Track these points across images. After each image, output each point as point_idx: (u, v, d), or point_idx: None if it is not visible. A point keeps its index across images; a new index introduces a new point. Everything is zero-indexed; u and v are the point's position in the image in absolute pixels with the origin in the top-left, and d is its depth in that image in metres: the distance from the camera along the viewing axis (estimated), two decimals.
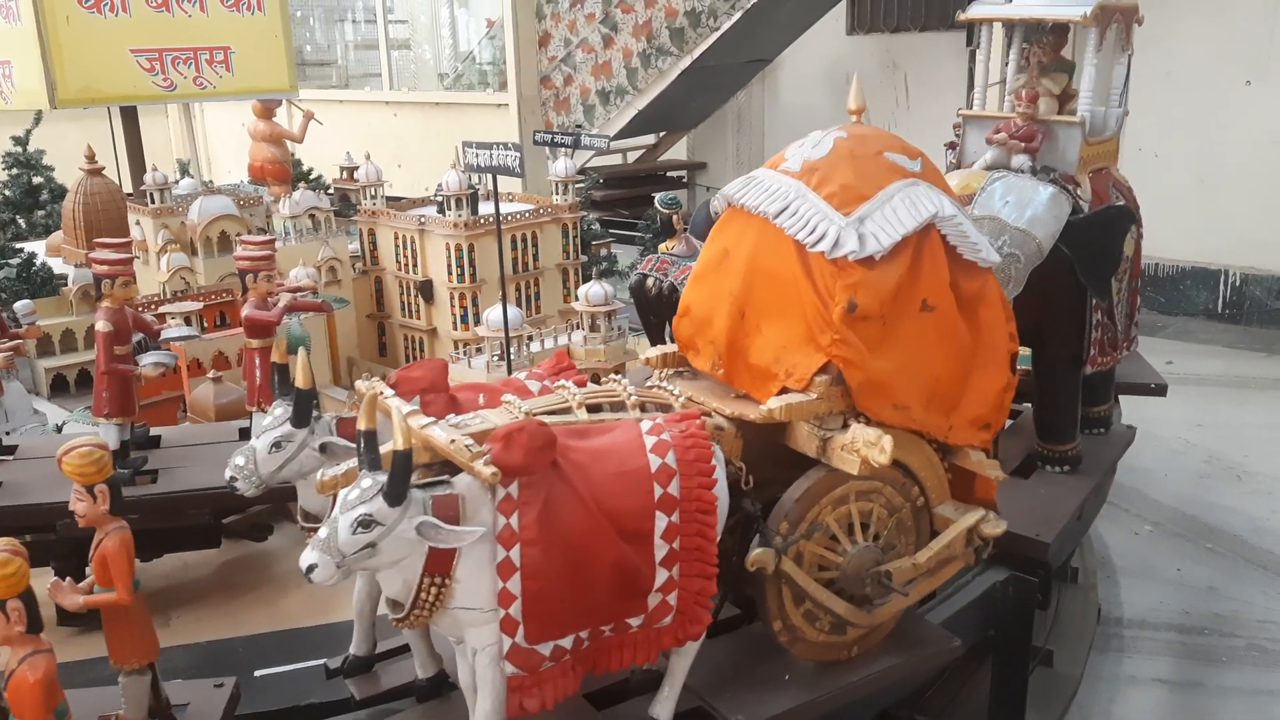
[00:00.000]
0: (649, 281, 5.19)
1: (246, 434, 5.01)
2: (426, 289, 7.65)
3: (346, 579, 2.54)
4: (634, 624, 2.82)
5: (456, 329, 7.49)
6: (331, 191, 10.38)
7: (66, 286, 7.93)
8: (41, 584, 2.81)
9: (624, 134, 13.84)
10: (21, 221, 10.82)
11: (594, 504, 2.68)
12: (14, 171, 10.91)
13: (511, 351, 5.94)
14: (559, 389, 3.11)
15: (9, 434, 5.62)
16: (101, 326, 4.65)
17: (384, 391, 2.86)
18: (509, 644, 2.60)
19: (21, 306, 7.20)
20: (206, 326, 7.08)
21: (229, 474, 3.15)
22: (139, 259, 7.53)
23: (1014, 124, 4.58)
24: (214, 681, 3.30)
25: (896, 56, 13.71)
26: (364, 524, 2.44)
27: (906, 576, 3.26)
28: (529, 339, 6.37)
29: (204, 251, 8.08)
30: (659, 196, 5.87)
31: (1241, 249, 10.69)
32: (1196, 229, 10.68)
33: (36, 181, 10.94)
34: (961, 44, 12.46)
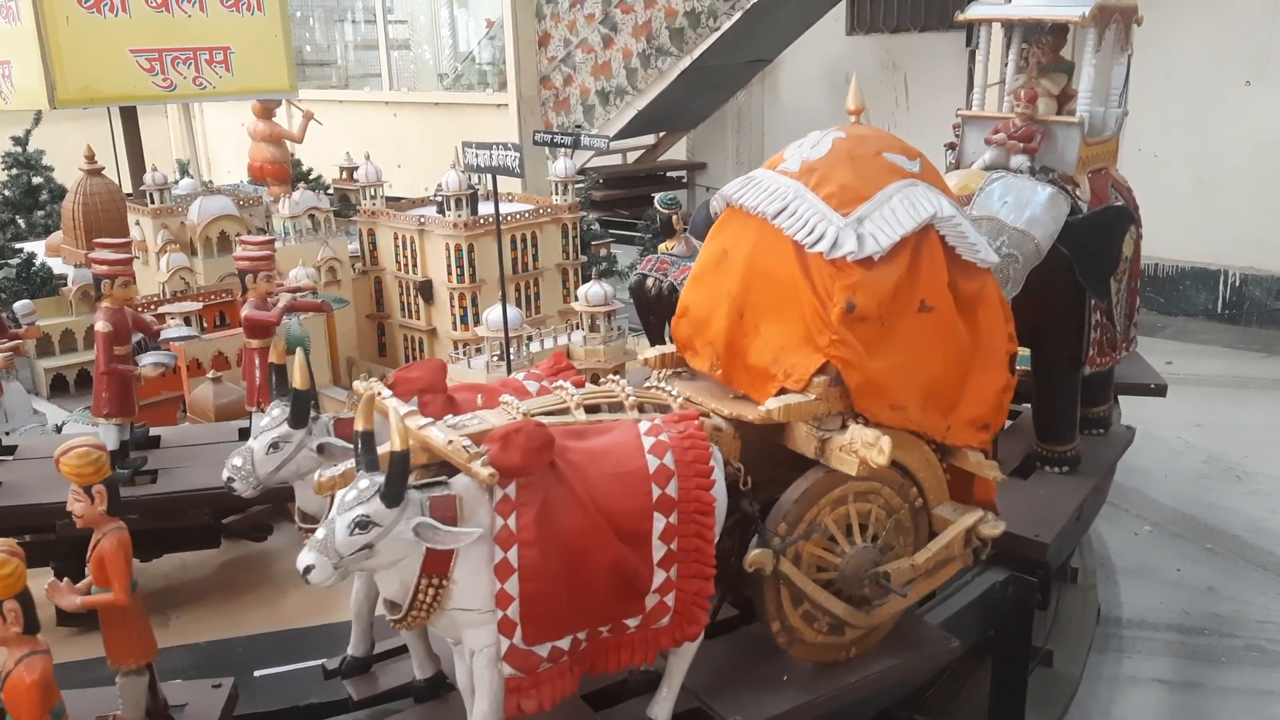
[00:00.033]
0: (649, 282, 5.18)
1: (246, 434, 5.00)
2: (426, 289, 7.64)
3: (344, 580, 2.54)
4: (631, 625, 2.82)
5: (456, 329, 7.48)
6: (331, 192, 10.35)
7: (66, 287, 7.92)
8: (42, 584, 2.82)
9: (624, 134, 13.84)
10: (21, 222, 10.82)
11: (592, 505, 2.68)
12: (14, 172, 10.91)
13: (511, 352, 5.94)
14: (557, 390, 3.11)
15: (9, 434, 5.62)
16: (101, 327, 4.65)
17: (382, 392, 2.86)
18: (506, 645, 2.61)
19: (21, 307, 7.20)
20: (206, 327, 7.07)
21: (226, 475, 3.15)
22: (138, 259, 7.52)
23: (1013, 124, 4.58)
24: (212, 682, 3.31)
25: (896, 57, 13.70)
26: (361, 525, 2.44)
27: (905, 577, 3.26)
28: (529, 339, 6.37)
29: (203, 252, 8.06)
30: (659, 197, 5.87)
31: (1241, 249, 10.69)
32: (1196, 229, 10.68)
33: (36, 182, 10.93)
34: (961, 44, 12.46)
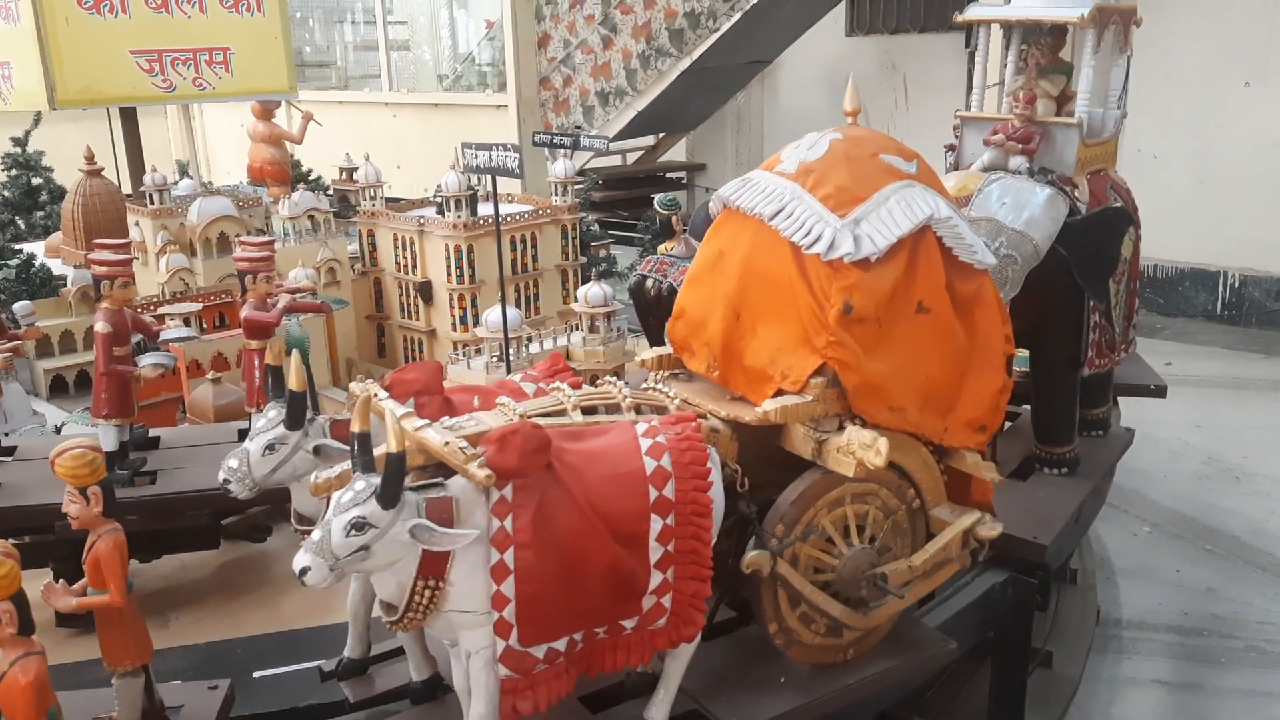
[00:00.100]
0: (648, 283, 5.17)
1: (245, 435, 4.99)
2: (426, 290, 7.65)
3: (340, 581, 2.54)
4: (628, 626, 2.82)
5: (456, 330, 7.49)
6: (331, 193, 10.36)
7: (65, 287, 7.93)
8: (41, 586, 2.81)
9: (623, 135, 13.84)
10: (21, 222, 10.83)
11: (589, 507, 2.68)
12: (13, 172, 10.91)
13: (511, 353, 5.94)
14: (554, 391, 3.11)
15: (8, 435, 5.62)
16: (100, 328, 4.65)
17: (378, 394, 2.85)
18: (503, 647, 2.60)
19: (21, 307, 7.19)
20: (205, 328, 7.07)
21: (223, 476, 3.16)
22: (138, 260, 7.51)
23: (1011, 125, 4.58)
24: (208, 684, 3.30)
25: (895, 58, 13.70)
26: (357, 527, 2.44)
27: (902, 579, 3.26)
28: (528, 340, 6.36)
29: (203, 252, 8.06)
30: (658, 198, 5.87)
31: (1240, 250, 10.69)
32: (1195, 230, 10.67)
33: (36, 182, 10.94)
34: (961, 45, 12.44)
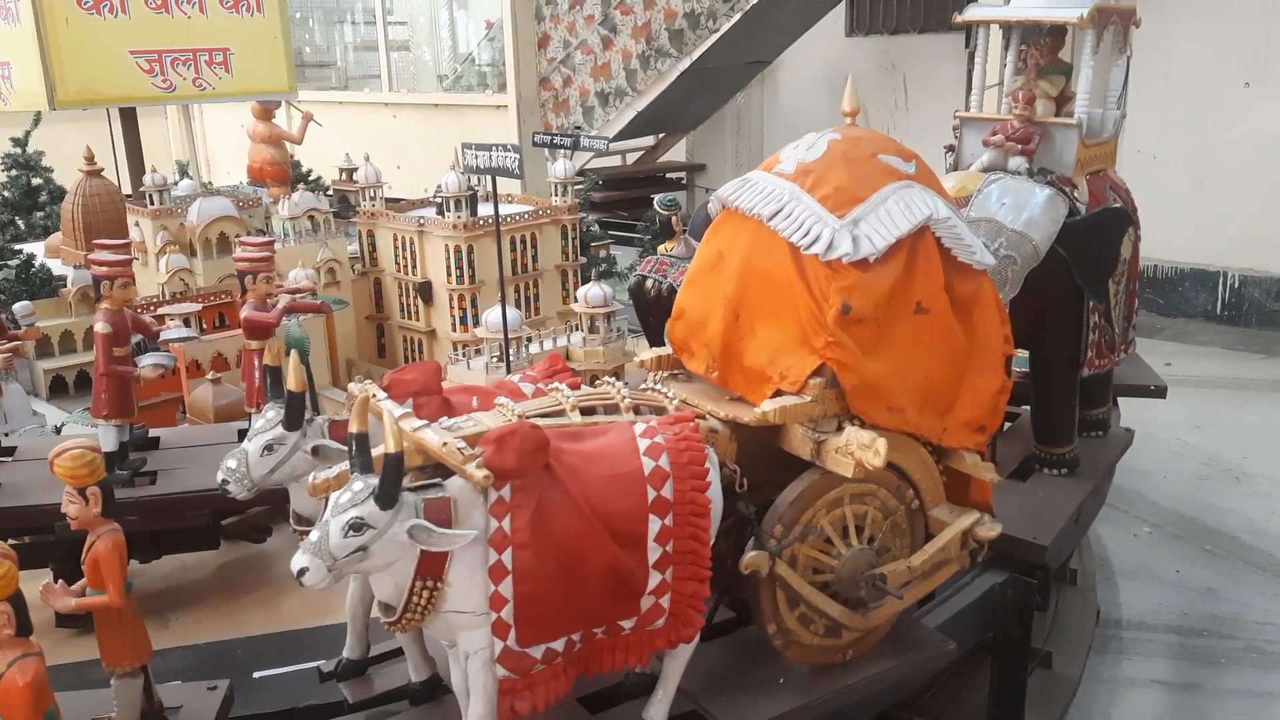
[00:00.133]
0: (648, 283, 5.18)
1: (245, 435, 5.00)
2: (426, 290, 7.65)
3: (338, 582, 2.54)
4: (626, 627, 2.82)
5: (455, 330, 7.49)
6: (330, 193, 10.36)
7: (65, 288, 7.93)
8: (41, 586, 2.82)
9: (623, 135, 13.84)
10: (20, 223, 10.84)
11: (587, 507, 2.68)
12: (13, 173, 10.92)
13: (511, 353, 5.94)
14: (552, 391, 3.11)
15: (8, 435, 5.62)
16: (100, 328, 4.64)
17: (376, 394, 2.85)
18: (500, 647, 2.60)
19: (20, 308, 7.19)
20: (205, 328, 7.07)
21: (221, 477, 3.16)
22: (138, 260, 7.51)
23: (1011, 126, 4.58)
24: (208, 684, 3.30)
25: (895, 58, 13.70)
26: (355, 527, 2.44)
27: (901, 579, 3.26)
28: (528, 340, 6.36)
29: (203, 253, 8.06)
30: (658, 198, 5.87)
31: (1240, 250, 10.69)
32: (1195, 230, 10.67)
33: (36, 183, 10.95)
34: (960, 46, 12.45)
